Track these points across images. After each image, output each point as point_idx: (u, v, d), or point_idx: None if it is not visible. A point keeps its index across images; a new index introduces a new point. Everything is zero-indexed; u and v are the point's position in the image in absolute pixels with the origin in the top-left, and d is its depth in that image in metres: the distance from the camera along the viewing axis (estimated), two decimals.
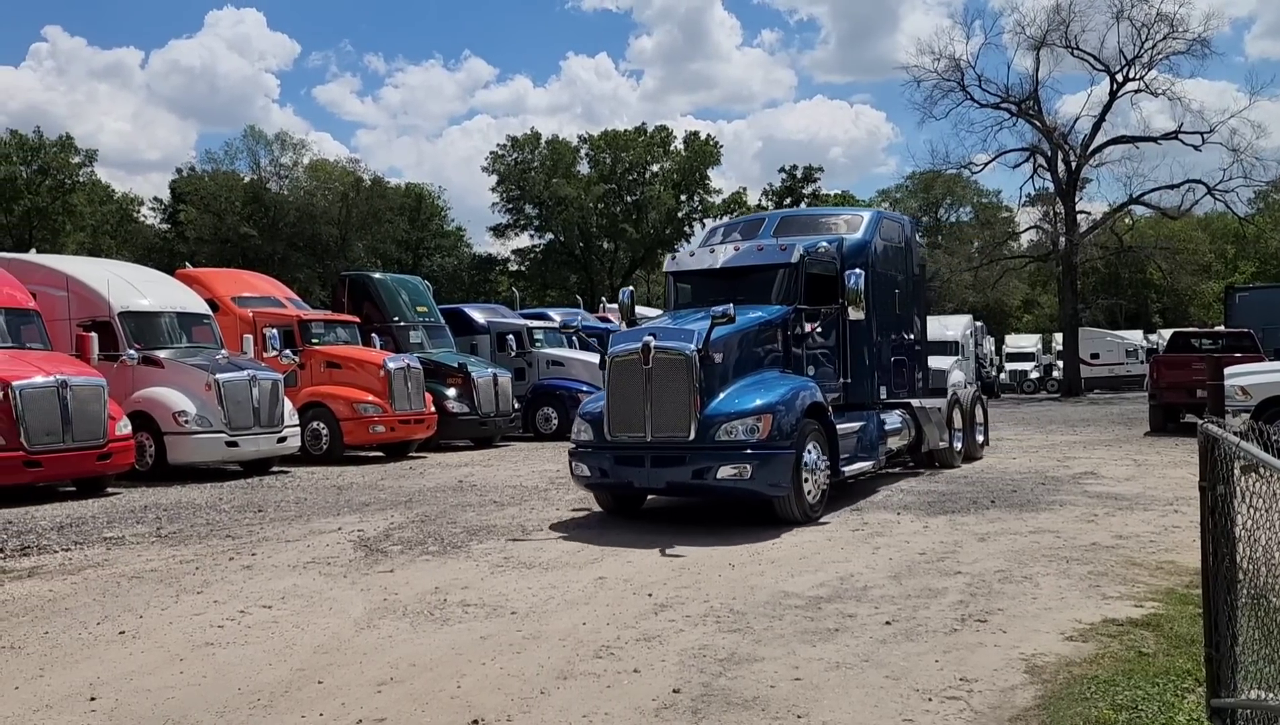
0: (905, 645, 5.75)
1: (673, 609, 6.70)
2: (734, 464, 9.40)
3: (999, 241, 50.00)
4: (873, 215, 13.17)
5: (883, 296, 12.72)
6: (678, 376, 9.62)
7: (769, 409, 9.59)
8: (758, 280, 11.21)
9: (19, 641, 6.23)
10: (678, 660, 5.53)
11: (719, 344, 9.81)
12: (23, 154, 55.10)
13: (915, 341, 14.11)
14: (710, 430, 9.50)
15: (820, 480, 10.13)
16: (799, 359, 10.89)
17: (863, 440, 11.52)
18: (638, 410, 9.75)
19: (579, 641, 5.95)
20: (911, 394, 13.77)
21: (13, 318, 14.25)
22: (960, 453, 15.09)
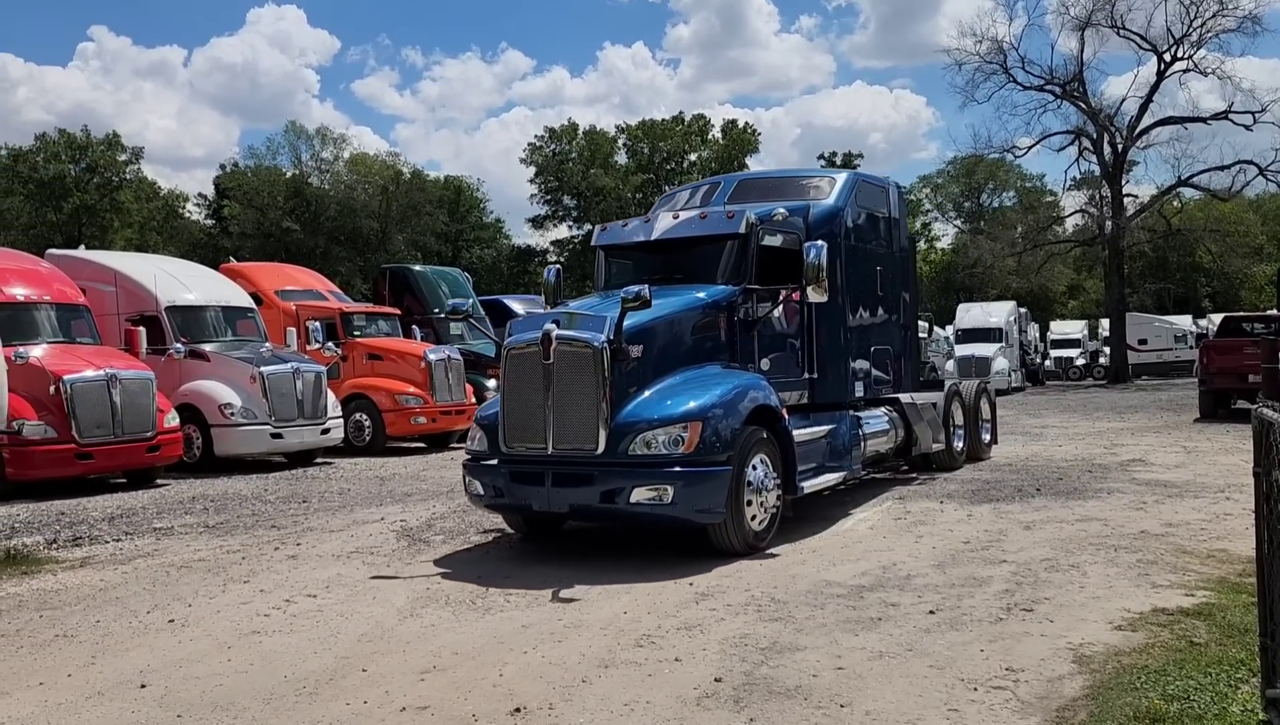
0: (949, 635, 5.68)
1: (713, 598, 6.68)
2: (651, 484, 7.46)
3: (1043, 226, 49.23)
4: (848, 177, 11.03)
5: (859, 274, 10.74)
6: (583, 374, 7.68)
7: (699, 414, 7.66)
8: (701, 255, 9.24)
9: (72, 630, 6.36)
10: (719, 649, 5.51)
11: (638, 334, 7.88)
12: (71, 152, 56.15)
13: (904, 326, 12.14)
14: (623, 441, 7.58)
15: (769, 501, 8.17)
16: (749, 351, 8.88)
17: (832, 446, 9.65)
18: (537, 416, 7.81)
19: (620, 630, 5.95)
20: (900, 388, 11.82)
21: (64, 313, 14.53)
22: (962, 453, 13.35)
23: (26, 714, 4.82)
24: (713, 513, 7.66)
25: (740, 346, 8.81)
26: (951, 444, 12.97)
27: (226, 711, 4.76)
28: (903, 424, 11.49)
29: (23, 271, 14.75)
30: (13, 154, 54.87)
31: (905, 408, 11.56)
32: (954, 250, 68.69)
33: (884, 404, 11.31)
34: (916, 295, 12.81)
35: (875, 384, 11.07)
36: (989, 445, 14.40)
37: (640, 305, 7.57)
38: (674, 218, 9.54)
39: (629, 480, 7.53)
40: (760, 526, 8.10)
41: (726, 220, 9.14)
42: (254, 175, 60.17)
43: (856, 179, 11.06)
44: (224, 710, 4.78)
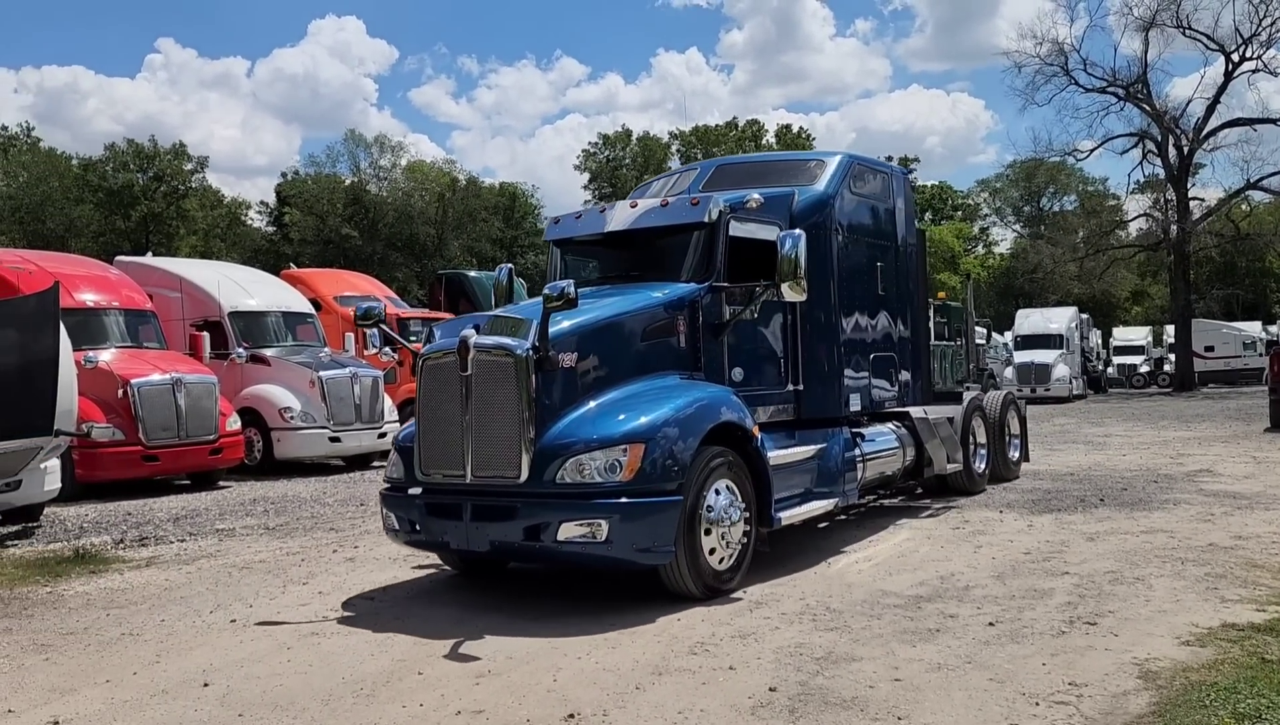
0: (1010, 647, 5.57)
1: (767, 606, 6.63)
2: (581, 518, 6.30)
3: (1106, 231, 48.22)
4: (842, 160, 9.48)
5: (856, 270, 9.34)
6: (504, 388, 6.50)
7: (642, 434, 6.46)
8: (664, 248, 8.07)
9: (138, 628, 6.51)
10: (774, 658, 5.46)
11: (571, 340, 6.75)
12: (139, 162, 57.65)
13: (912, 331, 10.50)
14: (549, 467, 6.42)
15: (734, 536, 6.93)
16: (717, 359, 7.64)
17: (822, 469, 8.32)
18: (455, 437, 6.62)
19: (673, 637, 5.93)
20: (908, 401, 10.33)
21: (132, 318, 14.92)
22: (984, 474, 11.77)
23: (94, 711, 4.94)
24: (658, 552, 6.40)
25: (706, 354, 7.55)
26: (971, 464, 11.42)
27: (286, 711, 4.83)
28: (913, 442, 10.10)
29: (93, 278, 15.17)
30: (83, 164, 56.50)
31: (916, 423, 10.15)
32: (1013, 255, 67.58)
33: (891, 419, 10.00)
34: (927, 295, 11.40)
35: (876, 396, 9.66)
36: (1018, 463, 12.95)
37: (564, 305, 6.37)
38: (632, 207, 8.23)
39: (555, 513, 6.34)
40: (724, 565, 6.86)
41: (690, 208, 7.85)
42: (314, 183, 61.27)
43: (851, 162, 9.57)
44: (283, 710, 4.85)
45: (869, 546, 8.63)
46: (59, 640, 6.26)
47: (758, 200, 7.88)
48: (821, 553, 8.40)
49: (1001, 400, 12.51)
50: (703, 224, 7.80)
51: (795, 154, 11.70)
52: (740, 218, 7.94)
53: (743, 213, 7.93)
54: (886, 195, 10.13)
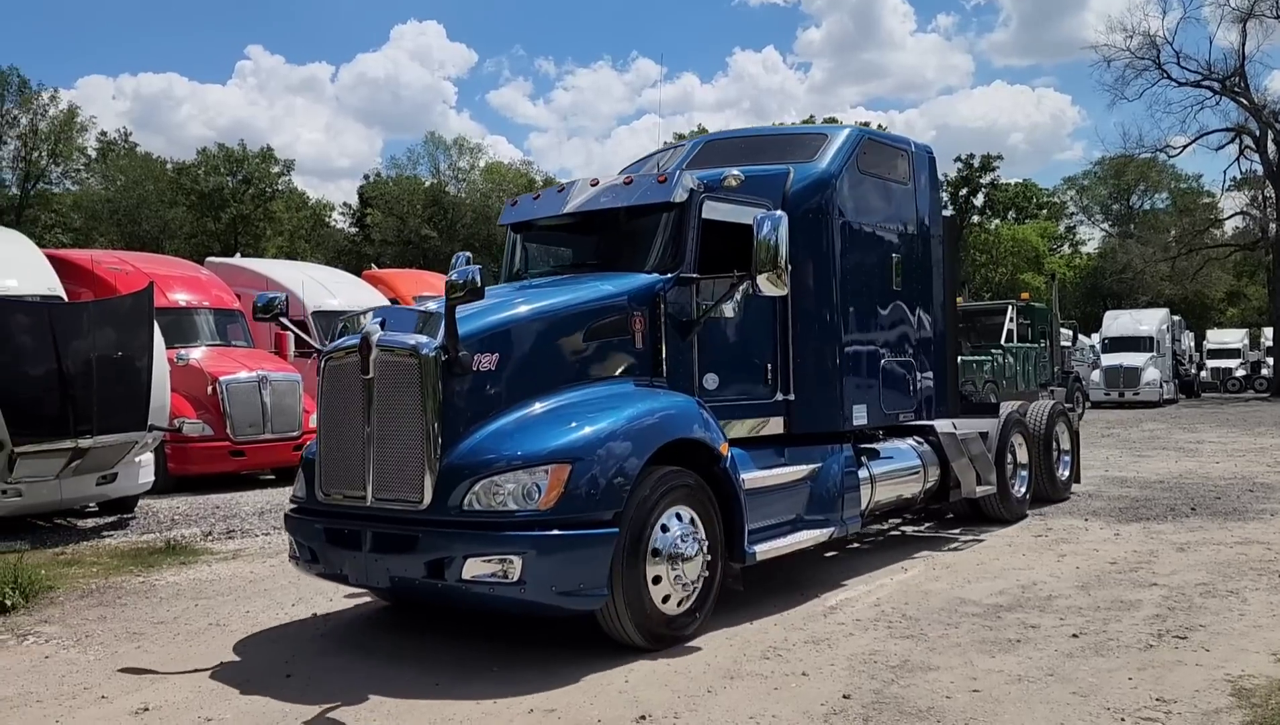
0: (1094, 660, 5.41)
1: (842, 612, 6.54)
2: (489, 554, 5.27)
3: (1199, 229, 46.58)
4: (849, 134, 8.21)
5: (864, 262, 8.07)
6: (406, 395, 5.53)
7: (567, 453, 5.44)
8: (629, 234, 7.01)
9: (224, 619, 6.71)
10: (847, 665, 5.39)
11: (492, 338, 5.75)
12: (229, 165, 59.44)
13: (935, 332, 9.01)
14: (454, 491, 5.41)
15: (690, 573, 5.83)
16: (684, 363, 6.55)
17: (816, 492, 7.17)
18: (356, 451, 5.69)
19: (746, 641, 5.90)
20: (929, 413, 8.93)
21: (220, 317, 15.41)
22: (1024, 499, 10.32)
23: (181, 698, 5.10)
24: (585, 595, 5.38)
25: (671, 358, 6.46)
26: (1008, 487, 9.91)
27: (364, 704, 4.93)
28: (937, 460, 8.89)
29: (185, 279, 15.71)
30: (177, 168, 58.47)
31: (942, 439, 8.94)
32: (1101, 255, 65.68)
33: (913, 434, 8.85)
34: (955, 292, 9.91)
35: (888, 408, 8.33)
36: (1068, 483, 11.46)
37: (468, 295, 5.38)
38: (592, 185, 7.15)
39: (460, 546, 5.31)
40: (678, 608, 5.81)
41: (656, 186, 6.75)
42: (395, 184, 62.47)
43: (861, 137, 8.31)
44: (363, 701, 4.95)
45: (947, 553, 8.46)
46: (150, 629, 6.49)
47: (737, 177, 6.73)
48: (899, 557, 8.27)
49: (1048, 412, 11.07)
50: (670, 205, 6.69)
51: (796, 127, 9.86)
52: (718, 198, 6.80)
53: (721, 192, 6.78)
54: (906, 176, 8.77)
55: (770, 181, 7.42)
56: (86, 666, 5.69)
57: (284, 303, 6.91)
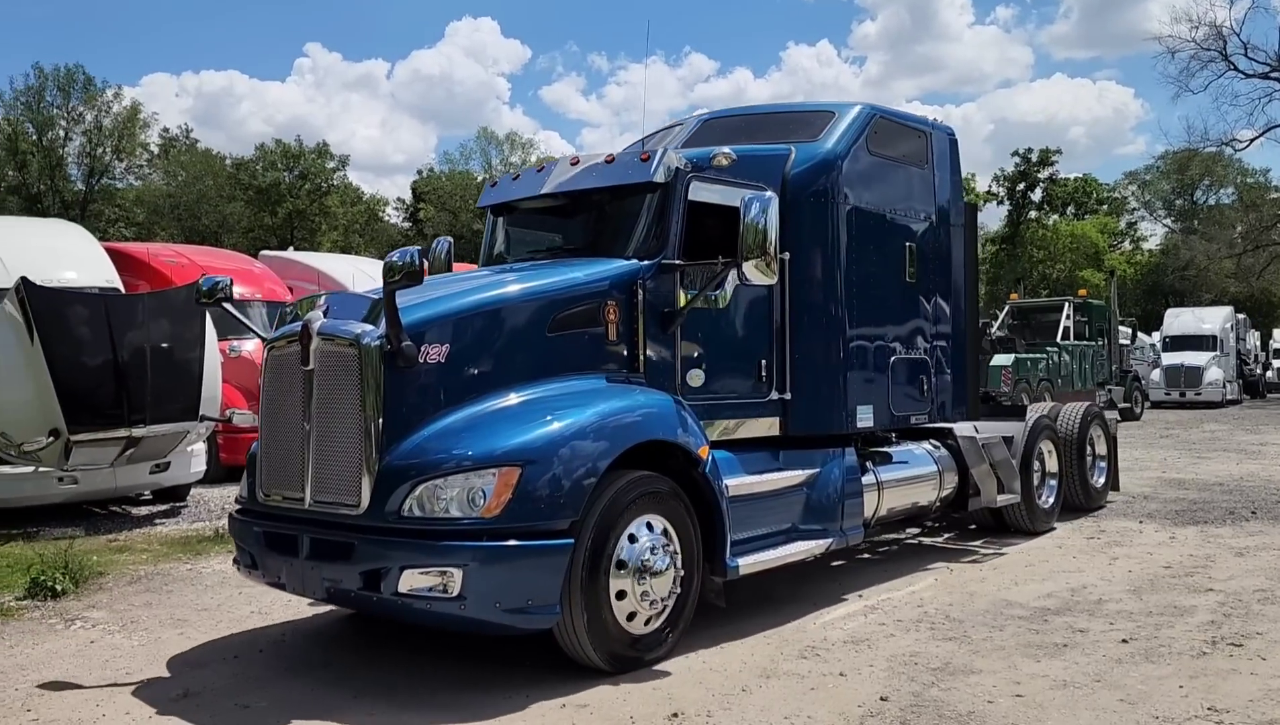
0: (1144, 667, 5.24)
1: (882, 612, 6.43)
2: (427, 566, 4.82)
3: (1267, 225, 45.18)
4: (860, 112, 7.54)
5: (873, 251, 7.41)
6: (346, 389, 5.12)
7: (517, 455, 4.98)
8: (611, 216, 6.54)
9: (265, 608, 6.77)
10: (886, 666, 5.29)
11: (439, 329, 5.27)
12: (286, 161, 60.37)
13: (954, 329, 8.37)
14: (392, 495, 4.98)
15: (659, 589, 5.34)
16: (665, 358, 6.05)
17: (812, 501, 6.66)
18: (296, 449, 5.31)
19: (784, 640, 5.82)
20: (945, 414, 8.29)
21: (273, 310, 15.62)
22: (1052, 510, 9.59)
23: (222, 685, 5.16)
24: (535, 612, 4.91)
25: (650, 351, 5.98)
26: (1034, 495, 9.21)
27: (415, 695, 4.94)
28: (955, 466, 8.28)
29: (238, 271, 15.94)
30: (235, 163, 59.55)
31: (961, 443, 8.32)
32: (1163, 251, 64.13)
33: (930, 437, 8.27)
34: (976, 285, 9.20)
35: (899, 409, 7.69)
36: (1103, 490, 10.71)
37: (407, 280, 4.92)
38: (573, 164, 6.68)
39: (397, 556, 4.86)
40: (646, 626, 5.32)
41: (638, 165, 6.26)
42: (448, 180, 63.05)
43: (872, 115, 7.60)
44: (407, 695, 4.96)
45: (995, 554, 8.28)
46: (194, 616, 6.58)
47: (728, 156, 6.21)
48: (943, 557, 8.12)
49: (1081, 415, 10.30)
50: (652, 185, 6.18)
51: (803, 104, 9.02)
52: (707, 179, 6.31)
53: (711, 172, 6.29)
54: (923, 159, 8.11)
55: (769, 162, 6.88)
56: (130, 652, 5.78)
57: (228, 286, 6.44)
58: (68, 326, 9.66)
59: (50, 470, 9.81)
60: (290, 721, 4.63)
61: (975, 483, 8.38)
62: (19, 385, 9.44)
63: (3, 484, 9.83)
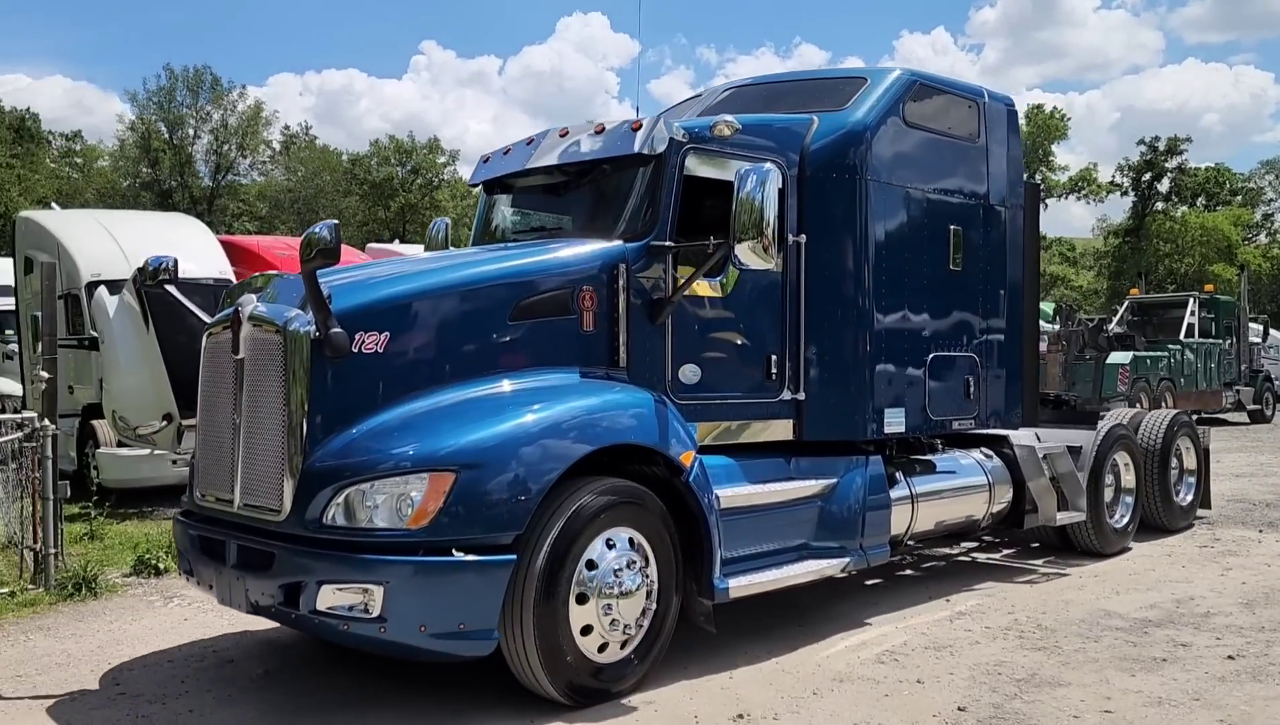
0: (1249, 686, 4.90)
1: (971, 618, 6.19)
2: (346, 582, 4.33)
3: None
4: (897, 78, 6.66)
5: (908, 233, 6.59)
6: (274, 380, 4.68)
7: (452, 458, 4.43)
8: (602, 192, 5.90)
9: None
10: (968, 675, 5.08)
11: (381, 314, 4.71)
12: (399, 156, 62.02)
13: (1009, 324, 7.38)
14: (314, 500, 4.46)
15: (628, 612, 4.76)
16: (653, 351, 5.38)
17: (827, 515, 5.91)
18: (227, 446, 4.92)
19: (862, 643, 5.66)
20: (997, 419, 7.32)
21: None
22: (1127, 529, 8.42)
23: (300, 667, 5.28)
24: (470, 638, 4.39)
25: (635, 344, 5.30)
26: (1103, 514, 8.10)
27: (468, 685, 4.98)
28: (1009, 479, 7.35)
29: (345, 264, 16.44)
30: (352, 159, 61.44)
31: (1018, 453, 7.39)
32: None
33: (982, 445, 7.34)
34: (1037, 274, 8.13)
35: (937, 412, 6.79)
36: (1189, 509, 9.42)
37: (321, 258, 4.39)
38: (561, 135, 6.02)
39: (316, 570, 4.37)
40: (613, 654, 4.75)
41: (628, 135, 5.58)
42: None
43: (910, 82, 6.70)
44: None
45: (1096, 562, 7.89)
46: None
47: (730, 125, 5.52)
48: (1039, 563, 7.78)
49: (1166, 425, 9.13)
50: (642, 157, 5.50)
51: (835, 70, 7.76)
52: (709, 151, 5.62)
53: (714, 144, 5.61)
54: (974, 132, 7.17)
55: (788, 133, 6.12)
56: (220, 630, 5.98)
57: (172, 266, 5.91)
58: (184, 315, 10.05)
59: (164, 453, 10.24)
60: (369, 704, 4.71)
61: (1032, 497, 7.45)
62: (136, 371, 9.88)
63: (121, 465, 10.32)
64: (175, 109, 52.04)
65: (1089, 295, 58.74)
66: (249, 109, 54.50)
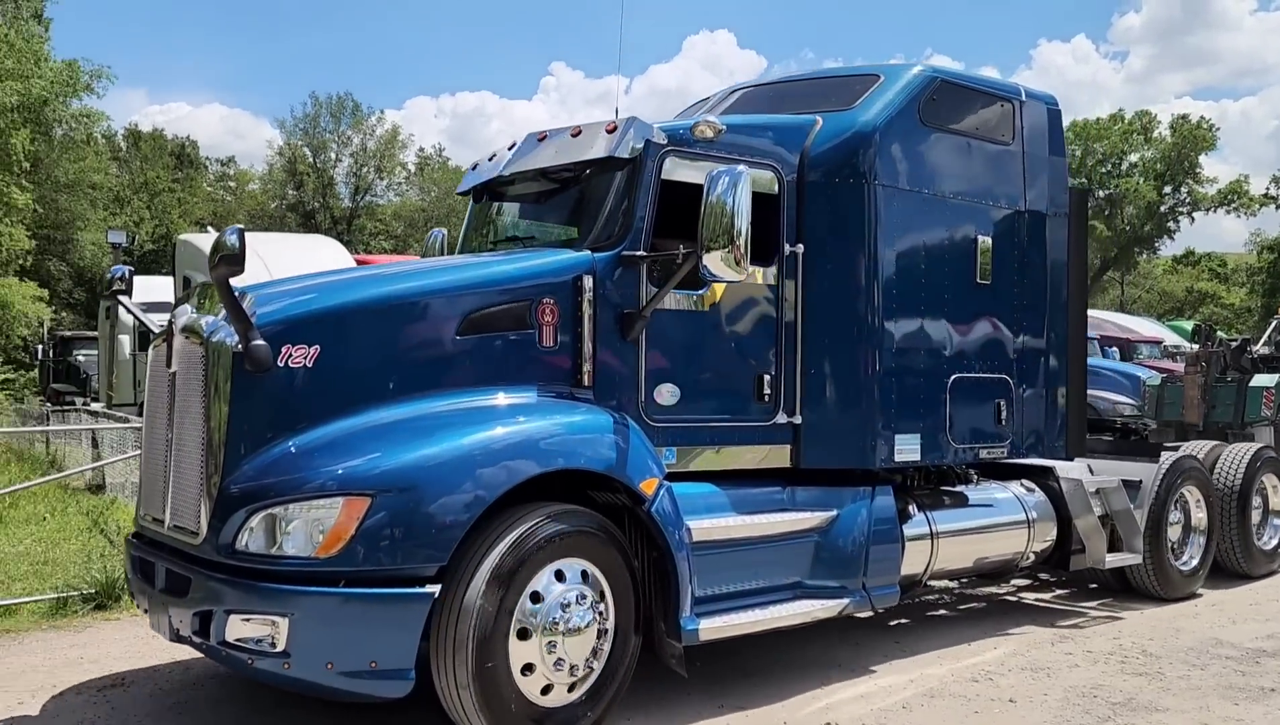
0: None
1: (1072, 641, 6.14)
2: (251, 612, 4.08)
3: None
4: (915, 77, 6.12)
5: (921, 244, 6.00)
6: (198, 395, 4.46)
7: (369, 480, 4.13)
8: (576, 199, 5.58)
9: None
10: (1062, 696, 5.08)
11: (310, 326, 4.39)
12: None
13: (1046, 344, 6.70)
14: (228, 523, 4.20)
15: (575, 653, 4.40)
16: (623, 369, 4.99)
17: (824, 551, 5.39)
18: (161, 463, 4.74)
19: (958, 660, 5.71)
20: (1037, 448, 6.67)
21: None
22: (1197, 573, 7.59)
23: None
24: (382, 678, 4.09)
25: (604, 361, 4.92)
26: (1165, 557, 7.30)
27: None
28: (1054, 514, 6.66)
29: None
30: None
31: (1064, 487, 6.67)
32: None
33: (1024, 476, 6.71)
34: (1084, 289, 7.32)
35: (960, 440, 6.15)
36: (1273, 554, 8.40)
37: (228, 266, 4.09)
38: (540, 140, 5.68)
39: (225, 598, 4.12)
40: (559, 699, 4.40)
41: (603, 136, 5.23)
42: None
43: (929, 80, 6.15)
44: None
45: (1215, 590, 7.65)
46: None
47: (713, 126, 5.12)
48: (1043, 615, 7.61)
49: (1248, 459, 8.14)
50: (617, 160, 5.13)
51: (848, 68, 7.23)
52: (691, 156, 5.20)
53: (698, 147, 5.20)
54: (1008, 133, 6.56)
55: (787, 135, 5.68)
56: None
57: (127, 276, 5.66)
58: None
59: None
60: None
61: (1079, 536, 6.71)
62: None
63: None
64: (319, 134, 54.81)
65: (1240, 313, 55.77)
66: (387, 133, 56.93)
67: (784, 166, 5.54)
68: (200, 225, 34.35)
